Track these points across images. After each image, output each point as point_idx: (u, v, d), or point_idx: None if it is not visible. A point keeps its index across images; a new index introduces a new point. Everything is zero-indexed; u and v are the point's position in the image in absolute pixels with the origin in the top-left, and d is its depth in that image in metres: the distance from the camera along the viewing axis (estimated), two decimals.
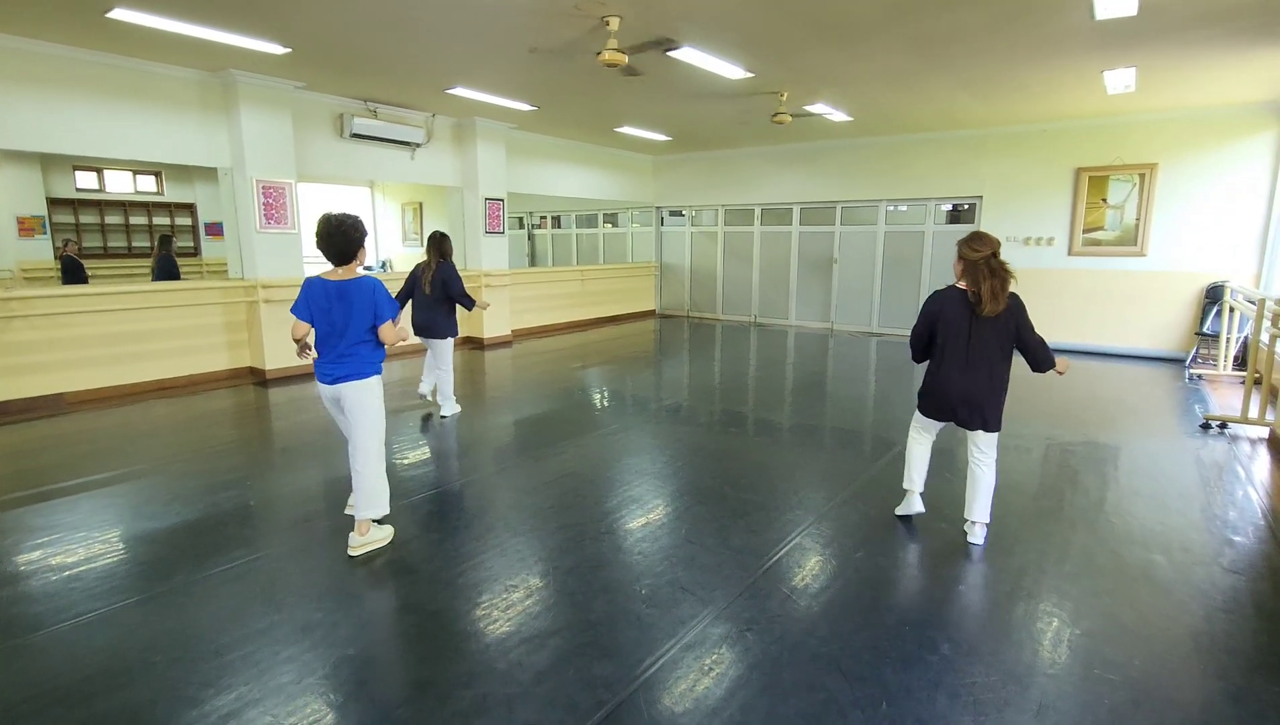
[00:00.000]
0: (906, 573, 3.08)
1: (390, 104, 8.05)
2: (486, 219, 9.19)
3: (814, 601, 2.84)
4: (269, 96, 6.78)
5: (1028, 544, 3.37)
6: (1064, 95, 7.27)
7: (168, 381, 6.66)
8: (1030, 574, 3.07)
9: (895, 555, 3.26)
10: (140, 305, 6.43)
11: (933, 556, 3.24)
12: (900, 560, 3.21)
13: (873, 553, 3.27)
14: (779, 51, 5.78)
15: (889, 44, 5.57)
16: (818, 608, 2.79)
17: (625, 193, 12.21)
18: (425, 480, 4.32)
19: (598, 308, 11.90)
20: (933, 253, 10.15)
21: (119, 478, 4.26)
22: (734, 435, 5.40)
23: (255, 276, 6.94)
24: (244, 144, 6.66)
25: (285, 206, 7.03)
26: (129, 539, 3.40)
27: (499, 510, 3.80)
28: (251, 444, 5.12)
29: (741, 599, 2.83)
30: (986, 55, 5.84)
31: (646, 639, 2.54)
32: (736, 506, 3.82)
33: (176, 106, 6.41)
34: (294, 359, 7.25)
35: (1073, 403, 6.39)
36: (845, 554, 3.26)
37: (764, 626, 2.64)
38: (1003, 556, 3.23)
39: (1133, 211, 8.51)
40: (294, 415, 5.88)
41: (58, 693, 2.24)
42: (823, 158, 10.80)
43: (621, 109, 8.34)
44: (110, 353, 6.27)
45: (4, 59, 5.42)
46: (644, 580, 2.98)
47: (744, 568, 3.11)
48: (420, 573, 3.09)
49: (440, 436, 5.31)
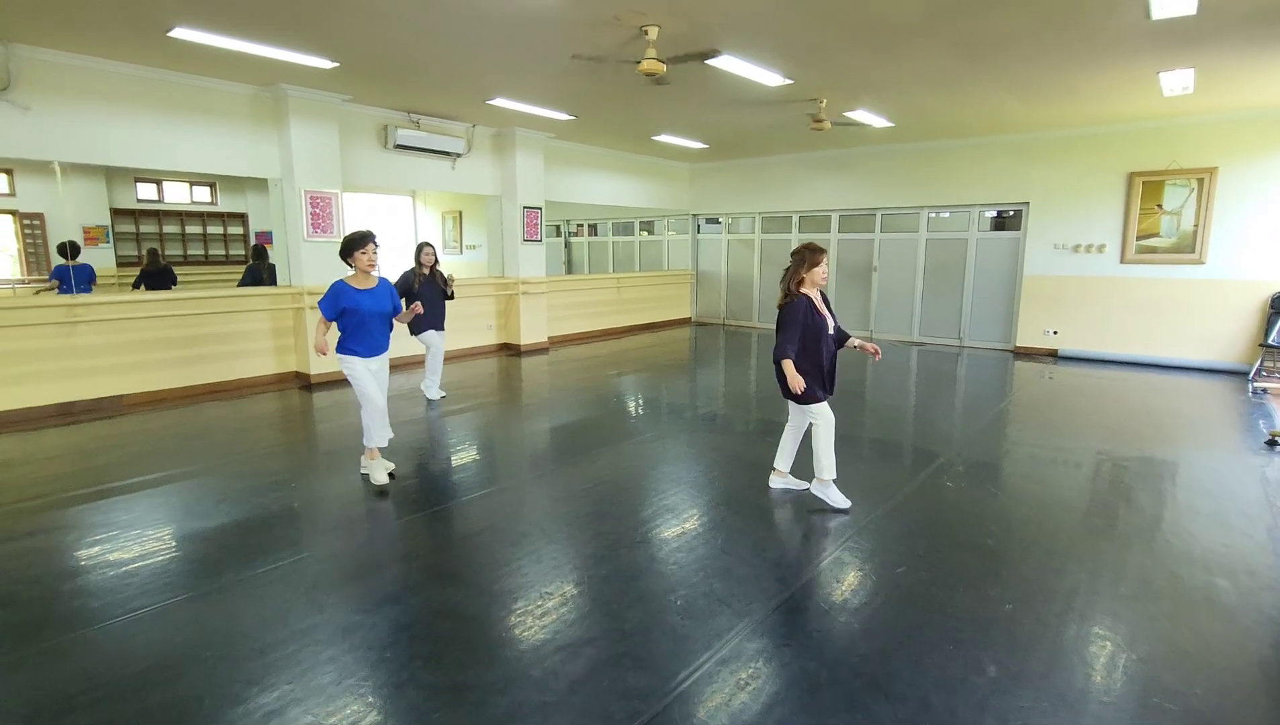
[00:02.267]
0: (951, 590, 2.99)
1: (432, 115, 8.22)
2: (525, 227, 9.31)
3: (854, 617, 2.78)
4: (317, 109, 6.99)
5: (1080, 563, 3.24)
6: (1116, 98, 7.03)
7: (219, 385, 6.90)
8: (1082, 594, 2.95)
9: (939, 570, 3.17)
10: (194, 311, 6.68)
11: (978, 574, 3.14)
12: (944, 577, 3.12)
13: (915, 568, 3.19)
14: (818, 57, 5.73)
15: (932, 48, 5.47)
16: (858, 624, 2.72)
17: (662, 200, 12.23)
18: (464, 485, 4.37)
19: (634, 315, 11.92)
20: (976, 260, 9.91)
21: (173, 477, 4.42)
22: (770, 445, 5.32)
23: (302, 283, 7.14)
24: (293, 155, 6.88)
25: (331, 216, 7.23)
26: (181, 537, 3.52)
27: (535, 516, 3.82)
28: (297, 447, 5.26)
29: (779, 613, 2.79)
30: (1035, 58, 5.68)
31: (682, 651, 2.52)
32: (774, 518, 3.77)
33: (230, 120, 6.66)
34: (336, 365, 7.45)
35: (1127, 416, 6.14)
36: (886, 569, 3.18)
37: (802, 642, 2.59)
38: (1054, 576, 3.11)
39: (1190, 217, 8.17)
40: (337, 419, 6.02)
41: (113, 686, 2.32)
42: (862, 164, 10.65)
43: (659, 117, 8.37)
44: (166, 357, 6.53)
45: (71, 77, 5.71)
46: (679, 591, 2.96)
47: (781, 581, 3.06)
48: (457, 577, 3.12)
49: (478, 441, 5.37)
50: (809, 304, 3.71)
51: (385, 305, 4.16)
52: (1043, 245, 9.20)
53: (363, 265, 4.02)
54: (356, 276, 4.08)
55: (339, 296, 3.99)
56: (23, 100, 5.47)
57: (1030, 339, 9.44)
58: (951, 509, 3.94)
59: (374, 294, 4.09)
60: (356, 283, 4.06)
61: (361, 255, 4.01)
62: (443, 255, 16.32)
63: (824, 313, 3.77)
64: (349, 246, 4.02)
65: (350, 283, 4.04)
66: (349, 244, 4.02)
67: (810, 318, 3.69)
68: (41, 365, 5.82)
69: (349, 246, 4.02)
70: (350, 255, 4.03)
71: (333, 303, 4.00)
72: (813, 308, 3.72)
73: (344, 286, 4.01)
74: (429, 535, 3.58)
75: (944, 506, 3.97)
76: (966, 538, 3.53)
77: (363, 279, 4.09)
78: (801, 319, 3.67)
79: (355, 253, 4.01)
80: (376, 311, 4.09)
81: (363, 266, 4.03)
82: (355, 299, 4.00)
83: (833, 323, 3.80)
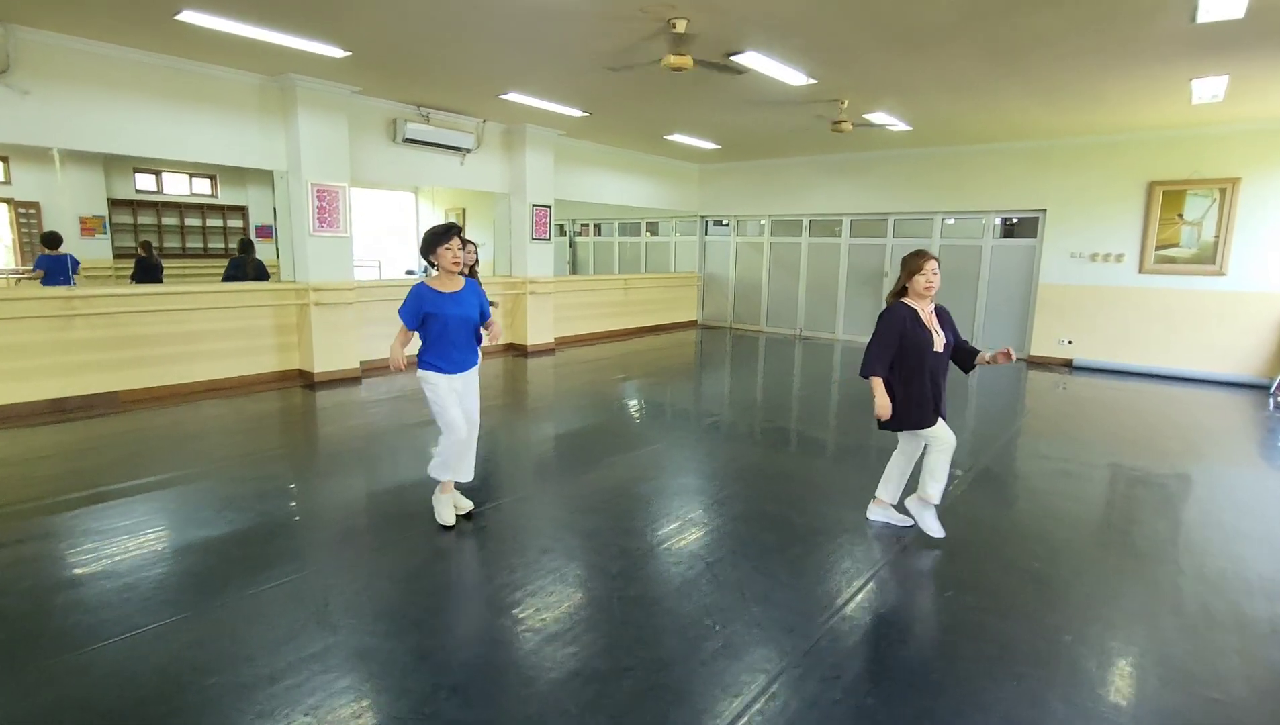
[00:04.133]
0: (1003, 618, 2.82)
1: (442, 109, 8.03)
2: (533, 225, 9.12)
3: (907, 649, 2.60)
4: (326, 101, 6.80)
5: (1133, 589, 3.08)
6: (1142, 105, 6.89)
7: (218, 382, 6.69)
8: (1144, 625, 2.78)
9: (988, 595, 3.00)
10: (194, 306, 6.47)
11: (1031, 601, 2.97)
12: (995, 603, 2.95)
13: (962, 592, 3.02)
14: (845, 58, 5.57)
15: (962, 51, 5.31)
16: (913, 656, 2.55)
17: (670, 201, 12.06)
18: (480, 495, 4.19)
19: (640, 317, 11.75)
20: (990, 267, 9.77)
21: (171, 481, 4.22)
22: (792, 455, 5.17)
23: (307, 280, 6.94)
24: (300, 147, 6.68)
25: (338, 210, 7.03)
26: (182, 548, 3.32)
27: (555, 532, 3.63)
28: (300, 449, 5.07)
29: (825, 641, 2.61)
30: (1067, 63, 5.53)
31: (724, 683, 2.34)
32: (806, 535, 3.60)
33: (236, 110, 6.45)
34: (343, 362, 7.26)
35: (1151, 429, 6.00)
36: (933, 593, 3.01)
37: (854, 676, 2.41)
38: (1109, 603, 2.94)
39: (1211, 228, 8.04)
40: (342, 420, 5.83)
41: (113, 716, 2.13)
42: (876, 168, 10.50)
43: (673, 116, 8.20)
44: (164, 353, 6.32)
45: (74, 61, 5.50)
46: (715, 615, 2.78)
47: (823, 605, 2.88)
48: (478, 600, 2.94)
49: (490, 447, 5.19)
50: (911, 316, 3.33)
51: (473, 311, 3.51)
52: (1059, 253, 9.06)
53: (446, 263, 3.38)
54: (439, 277, 3.48)
55: (420, 301, 3.39)
56: (22, 84, 5.26)
57: (1044, 348, 9.30)
58: (989, 528, 3.78)
59: (459, 298, 3.47)
60: (439, 285, 3.46)
61: (445, 251, 3.36)
62: None
63: (931, 328, 3.37)
64: (430, 242, 3.40)
65: (432, 285, 3.44)
66: (430, 239, 3.40)
67: (911, 331, 3.31)
68: (34, 360, 5.60)
69: (430, 242, 3.40)
70: (432, 252, 3.40)
71: (414, 309, 3.39)
72: (916, 321, 3.33)
73: (426, 289, 3.42)
74: (445, 550, 3.39)
75: (981, 524, 3.81)
76: (1011, 559, 3.36)
77: (446, 280, 3.47)
78: (897, 331, 3.30)
79: (438, 249, 3.37)
80: (463, 318, 3.46)
81: (447, 265, 3.39)
82: (439, 304, 3.40)
83: (944, 339, 3.39)
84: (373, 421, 5.78)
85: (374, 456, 4.80)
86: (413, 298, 3.41)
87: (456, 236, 3.40)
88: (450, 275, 3.46)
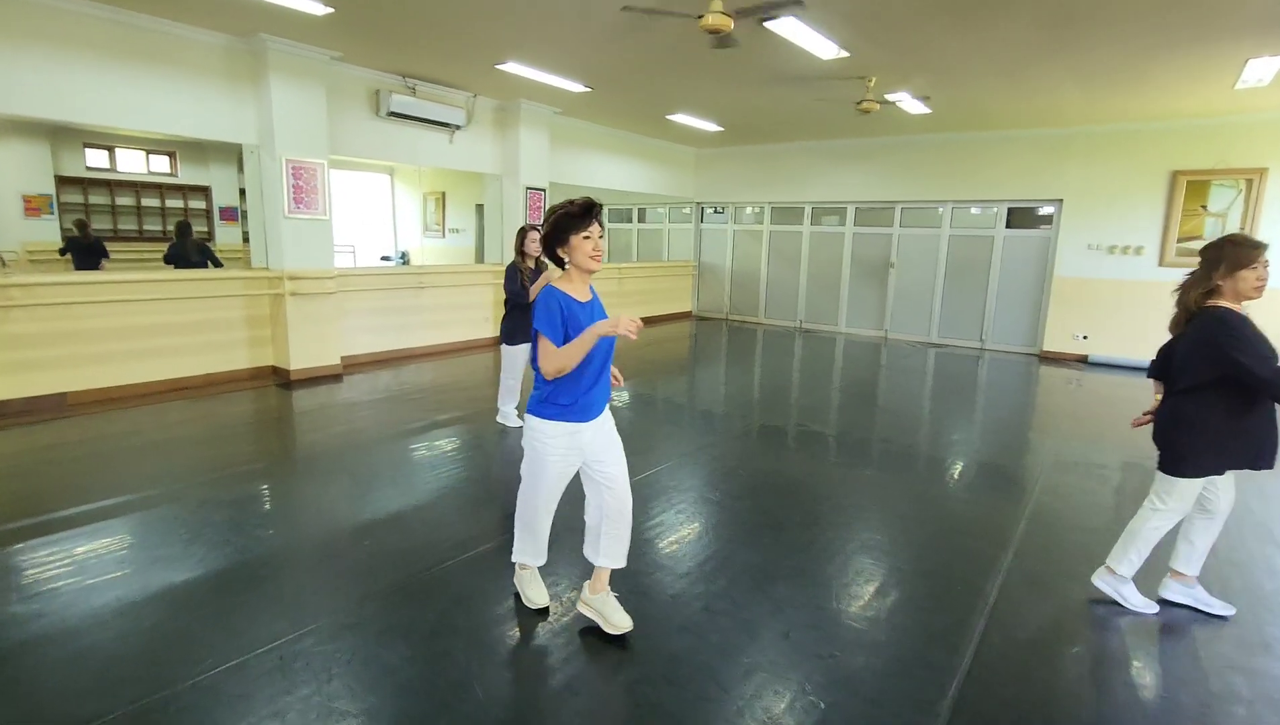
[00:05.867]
0: (1162, 681, 2.39)
1: (431, 81, 7.35)
2: (527, 210, 8.50)
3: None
4: (302, 67, 6.09)
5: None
6: (1182, 90, 6.53)
7: (182, 381, 5.99)
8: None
9: (1137, 654, 2.56)
10: (154, 296, 5.76)
11: (1174, 660, 2.54)
12: (1145, 664, 2.51)
13: (1094, 647, 2.57)
14: (886, 29, 5.07)
15: (1015, 22, 4.86)
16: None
17: (665, 186, 11.49)
18: (485, 529, 3.64)
19: (634, 308, 11.17)
20: (1002, 258, 9.42)
21: (128, 506, 3.57)
22: (826, 464, 4.70)
23: (282, 266, 6.25)
24: (274, 119, 5.97)
25: (316, 190, 6.34)
26: (144, 598, 2.70)
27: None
28: (281, 463, 4.44)
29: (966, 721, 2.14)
30: (1120, 41, 5.12)
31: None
32: (890, 574, 3.13)
33: (200, 75, 5.72)
34: (322, 358, 6.60)
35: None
36: (1056, 649, 2.56)
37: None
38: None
39: (1236, 220, 7.77)
40: (325, 425, 5.20)
41: None
42: (883, 154, 10.06)
43: (680, 93, 7.63)
44: (119, 348, 5.60)
45: (10, 11, 4.74)
46: (814, 680, 2.29)
47: (941, 669, 2.41)
48: (518, 665, 2.41)
49: (491, 452, 4.63)
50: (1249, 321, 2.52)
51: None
52: (1076, 245, 8.74)
53: (583, 259, 2.28)
54: (571, 279, 2.34)
55: (561, 309, 2.26)
56: None
57: (1058, 343, 9.00)
58: (1082, 558, 3.34)
59: (593, 311, 2.37)
60: (571, 290, 2.31)
61: (584, 241, 2.27)
62: (425, 240, 15.49)
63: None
64: (562, 227, 2.28)
65: (565, 289, 2.31)
66: (563, 222, 2.27)
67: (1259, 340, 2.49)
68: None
69: (562, 227, 2.28)
70: (563, 241, 2.28)
71: (559, 321, 2.25)
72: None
73: (563, 296, 2.28)
74: (471, 600, 2.84)
75: (1073, 556, 3.37)
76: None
77: (579, 282, 2.35)
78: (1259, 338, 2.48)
79: (571, 237, 2.27)
80: (605, 341, 2.34)
81: (584, 262, 2.29)
82: (580, 317, 2.29)
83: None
84: (361, 427, 5.16)
85: (367, 472, 4.20)
86: (550, 303, 2.25)
87: (596, 221, 2.29)
88: (583, 277, 2.35)
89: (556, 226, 2.29)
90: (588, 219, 2.26)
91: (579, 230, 2.26)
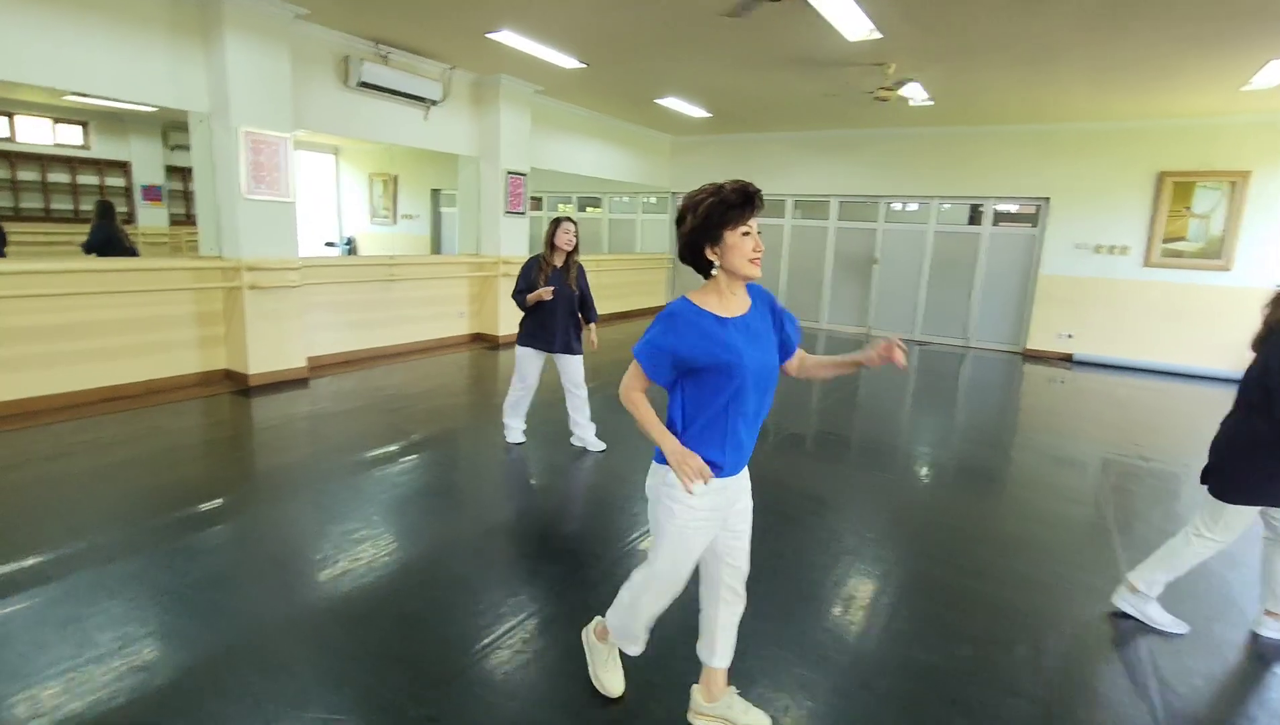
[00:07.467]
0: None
1: (405, 49, 6.57)
2: (508, 196, 7.81)
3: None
4: (262, 25, 5.25)
5: None
6: (1195, 89, 6.48)
7: (120, 389, 5.09)
8: None
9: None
10: (80, 289, 4.84)
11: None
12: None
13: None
14: (928, 9, 4.72)
15: (1065, 6, 4.59)
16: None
17: (639, 174, 10.95)
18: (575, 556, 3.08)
19: (608, 303, 10.60)
20: (989, 256, 9.36)
21: (36, 573, 2.72)
22: (858, 472, 4.33)
23: (238, 255, 5.41)
24: (228, 84, 5.11)
25: (279, 167, 5.52)
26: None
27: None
28: (241, 499, 3.58)
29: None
30: (1156, 30, 4.92)
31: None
32: (956, 601, 2.76)
33: (139, 28, 4.82)
34: (285, 360, 5.78)
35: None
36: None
37: None
38: None
39: (1220, 222, 7.90)
40: (292, 444, 4.45)
41: None
42: (869, 147, 9.83)
43: (676, 75, 7.11)
44: (41, 351, 4.68)
45: None
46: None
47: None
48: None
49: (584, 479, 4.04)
50: None
51: (772, 348, 1.84)
52: (1062, 243, 8.74)
53: (741, 261, 1.72)
54: (715, 290, 1.78)
55: (687, 334, 1.72)
56: None
57: (1043, 342, 9.01)
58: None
59: (752, 327, 1.80)
60: (715, 305, 1.76)
61: (743, 237, 1.71)
62: (373, 226, 14.39)
63: None
64: (715, 220, 1.70)
65: (702, 304, 1.76)
66: (715, 214, 1.69)
67: None
68: None
69: (715, 220, 1.70)
70: (715, 240, 1.71)
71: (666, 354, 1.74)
72: None
73: (695, 312, 1.74)
74: (521, 700, 2.28)
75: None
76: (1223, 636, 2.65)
77: (729, 293, 1.78)
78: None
79: (727, 233, 1.71)
80: (765, 369, 1.79)
81: (741, 264, 1.72)
82: (726, 340, 1.72)
83: None
84: (337, 447, 4.40)
85: (350, 514, 3.42)
86: (667, 328, 1.73)
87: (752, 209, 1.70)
88: (735, 285, 1.78)
89: (708, 220, 1.70)
90: (748, 209, 1.70)
91: (737, 223, 1.70)
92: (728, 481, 1.83)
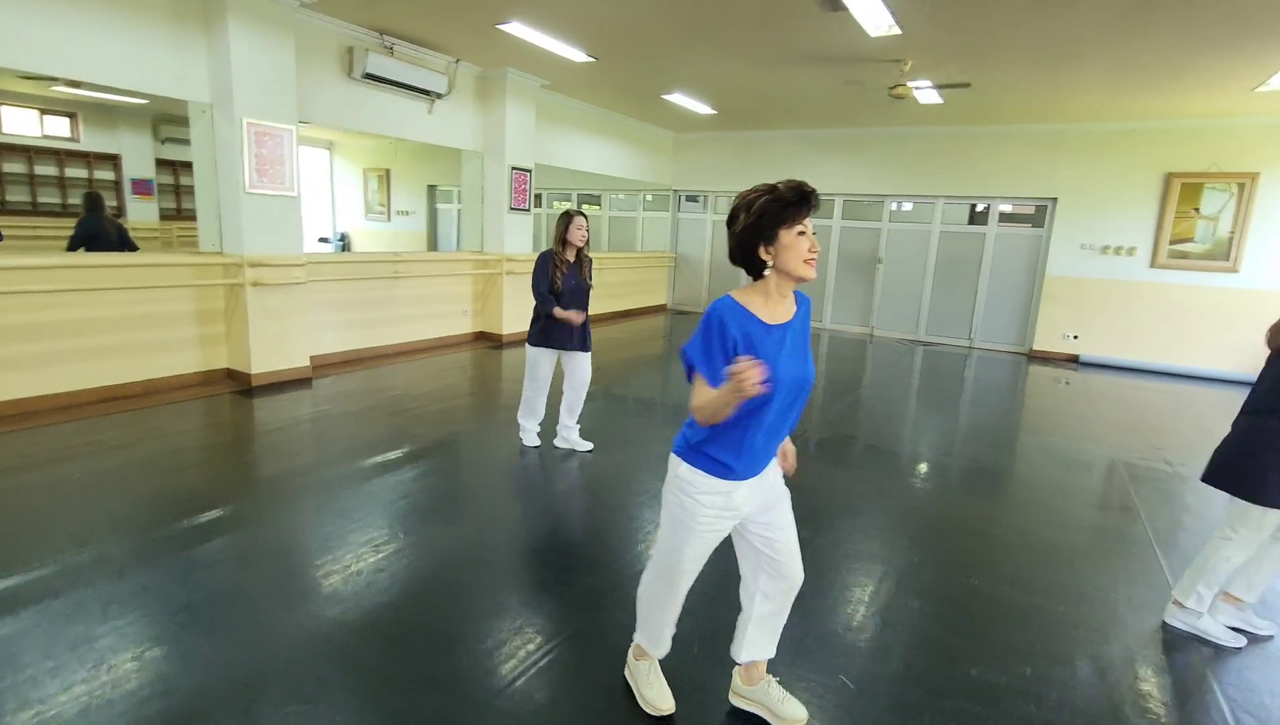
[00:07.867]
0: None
1: (411, 41, 6.41)
2: (512, 192, 7.67)
3: None
4: (266, 13, 5.08)
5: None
6: (1207, 89, 6.45)
7: (117, 389, 4.92)
8: None
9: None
10: (77, 285, 4.66)
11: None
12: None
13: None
14: (953, 6, 4.64)
15: (1096, 6, 4.52)
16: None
17: (641, 171, 10.81)
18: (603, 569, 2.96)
19: (610, 301, 10.49)
20: (993, 256, 9.33)
21: (43, 586, 2.58)
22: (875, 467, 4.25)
23: (240, 251, 5.24)
24: (232, 74, 4.94)
25: (284, 160, 5.35)
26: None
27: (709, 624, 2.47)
28: (250, 506, 3.43)
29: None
30: (1181, 29, 4.86)
31: None
32: (991, 615, 2.66)
33: (139, 14, 4.64)
34: (289, 359, 5.62)
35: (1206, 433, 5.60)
36: None
37: None
38: None
39: (1227, 223, 7.89)
40: (298, 449, 4.30)
41: None
42: (873, 146, 9.76)
43: (686, 70, 6.99)
44: (35, 350, 4.50)
45: None
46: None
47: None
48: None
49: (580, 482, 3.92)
50: None
51: (807, 358, 1.77)
52: (1069, 244, 8.71)
53: (796, 262, 1.65)
54: (763, 291, 1.71)
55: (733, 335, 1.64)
56: None
57: (1048, 343, 8.98)
58: None
59: (792, 339, 1.73)
60: (760, 307, 1.69)
61: (798, 236, 1.64)
62: (367, 223, 14.17)
63: None
64: (770, 219, 1.63)
65: (748, 305, 1.68)
66: (771, 212, 1.63)
67: None
68: None
69: (770, 219, 1.63)
70: (770, 240, 1.65)
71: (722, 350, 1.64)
72: None
73: (743, 315, 1.66)
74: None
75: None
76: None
77: (777, 295, 1.71)
78: None
79: (782, 232, 1.64)
80: (799, 382, 1.72)
81: (797, 265, 1.65)
82: (766, 346, 1.66)
83: None
84: (345, 451, 4.24)
85: (362, 517, 3.29)
86: (712, 324, 1.65)
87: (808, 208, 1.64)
88: (786, 287, 1.71)
89: (762, 218, 1.63)
90: (804, 207, 1.63)
91: (793, 222, 1.63)
92: (737, 487, 1.79)
